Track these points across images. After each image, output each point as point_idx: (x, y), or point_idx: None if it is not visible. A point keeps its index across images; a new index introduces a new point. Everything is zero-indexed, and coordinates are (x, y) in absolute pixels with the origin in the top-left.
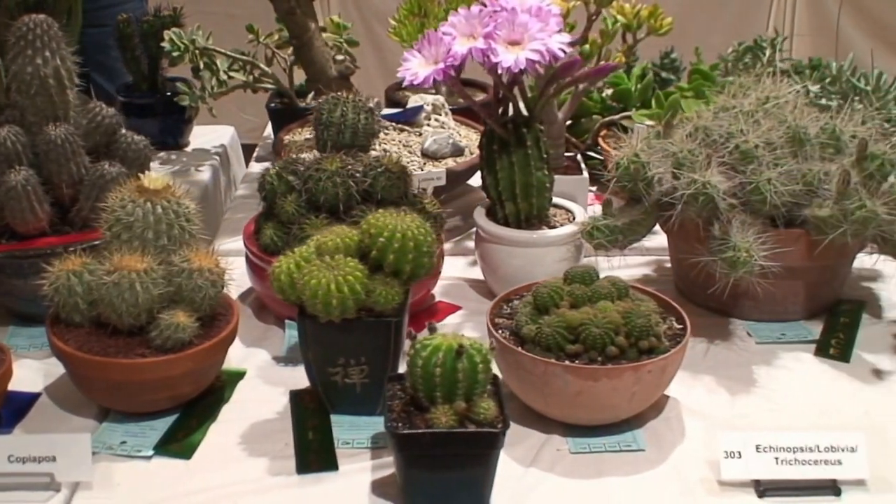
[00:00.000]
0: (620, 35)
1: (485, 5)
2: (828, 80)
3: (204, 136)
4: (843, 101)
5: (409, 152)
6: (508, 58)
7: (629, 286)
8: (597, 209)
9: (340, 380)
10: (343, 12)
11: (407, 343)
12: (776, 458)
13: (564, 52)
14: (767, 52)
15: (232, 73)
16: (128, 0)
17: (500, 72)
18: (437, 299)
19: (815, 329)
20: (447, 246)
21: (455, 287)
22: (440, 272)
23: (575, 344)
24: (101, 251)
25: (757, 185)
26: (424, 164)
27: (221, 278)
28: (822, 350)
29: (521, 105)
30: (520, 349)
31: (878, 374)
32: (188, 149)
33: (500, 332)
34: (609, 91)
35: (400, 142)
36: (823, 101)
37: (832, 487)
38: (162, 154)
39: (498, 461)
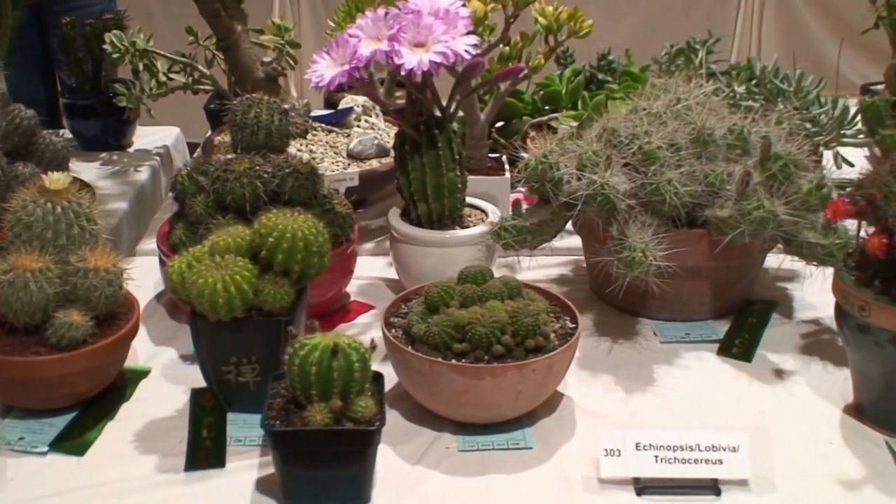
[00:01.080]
0: (542, 38)
1: (399, 8)
2: (753, 82)
3: (148, 136)
4: (766, 102)
5: (335, 153)
6: (412, 59)
7: (522, 286)
8: None
9: (234, 378)
10: (311, 12)
11: None
12: (656, 457)
13: (471, 53)
14: (700, 54)
15: (172, 75)
16: (96, 2)
17: (402, 73)
18: (353, 299)
19: (722, 329)
20: (370, 246)
21: (372, 286)
22: (353, 271)
23: (462, 343)
24: (3, 251)
25: (657, 185)
26: (349, 164)
27: (119, 278)
28: (725, 350)
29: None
30: (409, 348)
31: (778, 374)
32: (131, 149)
33: (393, 331)
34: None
35: (327, 143)
36: (749, 103)
37: (712, 487)
38: (104, 155)
39: (375, 458)
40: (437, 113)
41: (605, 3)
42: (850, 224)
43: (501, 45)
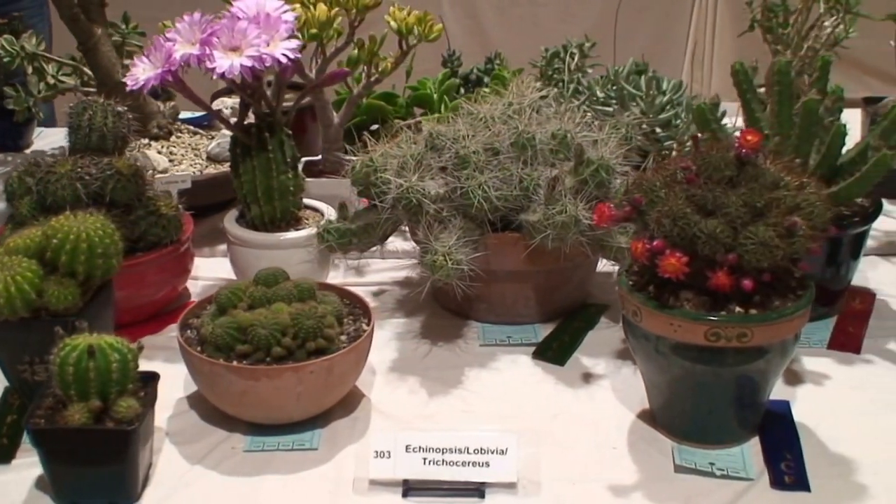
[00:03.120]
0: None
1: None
2: (611, 86)
3: (50, 137)
4: (619, 105)
5: (195, 155)
6: (224, 63)
7: (318, 288)
8: None
9: (30, 377)
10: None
11: None
12: (424, 459)
13: (289, 58)
14: (577, 57)
15: (63, 78)
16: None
17: (214, 77)
18: (193, 299)
19: (547, 332)
20: (224, 247)
21: (214, 288)
22: (189, 271)
23: (245, 344)
24: None
25: (468, 189)
26: (206, 167)
27: None
28: (541, 353)
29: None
30: (194, 350)
31: (586, 377)
32: (29, 150)
33: (189, 331)
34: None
35: (189, 145)
36: (606, 108)
37: (476, 490)
38: None
39: (139, 457)
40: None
41: (557, 4)
42: None
43: (363, 48)
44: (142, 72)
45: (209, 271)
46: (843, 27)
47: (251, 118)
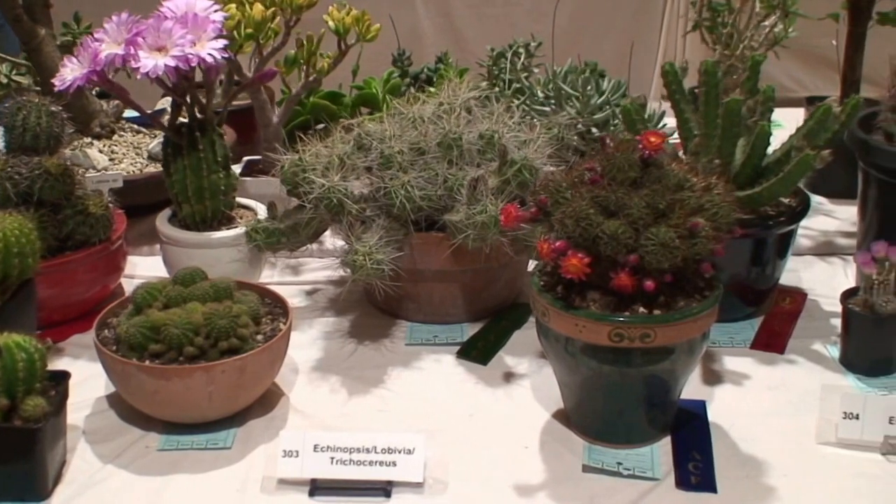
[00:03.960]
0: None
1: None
2: (550, 85)
3: None
4: (557, 105)
5: (137, 154)
6: (148, 63)
7: (238, 287)
8: None
9: None
10: None
11: None
12: (332, 458)
13: (215, 57)
14: (522, 57)
15: (17, 77)
16: None
17: (139, 77)
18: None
19: (475, 331)
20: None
21: None
22: (121, 269)
23: (158, 344)
24: None
25: (391, 189)
26: (147, 165)
27: None
28: (465, 352)
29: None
30: (110, 349)
31: (507, 377)
32: None
33: (108, 331)
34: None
35: (132, 143)
36: (545, 108)
37: (382, 489)
38: None
39: (47, 455)
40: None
41: (529, 4)
42: None
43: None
44: (69, 72)
45: (147, 270)
46: (782, 27)
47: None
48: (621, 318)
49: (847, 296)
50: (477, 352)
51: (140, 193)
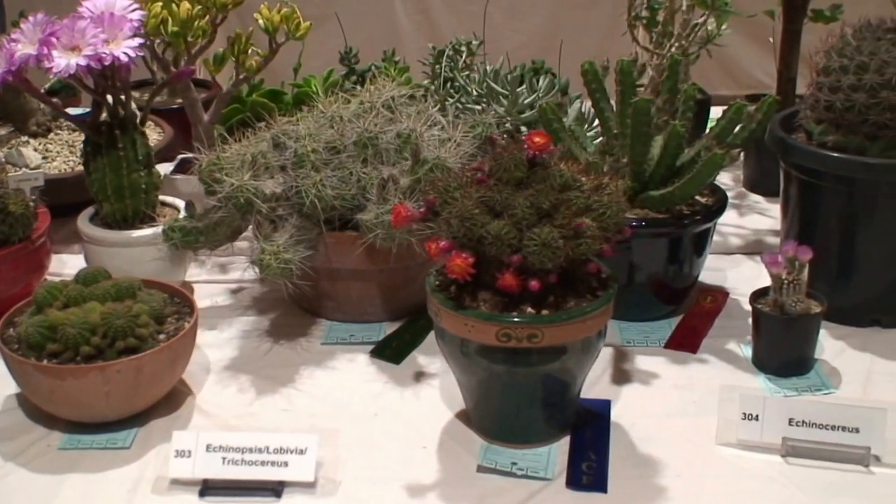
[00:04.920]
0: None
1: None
2: (483, 84)
3: None
4: (486, 104)
5: (71, 152)
6: (60, 63)
7: (143, 286)
8: None
9: None
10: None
11: None
12: (224, 459)
13: (130, 56)
14: (464, 55)
15: None
16: None
17: (52, 76)
18: None
19: (393, 330)
20: None
21: None
22: (45, 268)
23: (56, 343)
24: None
25: (301, 188)
26: (79, 164)
27: None
28: (378, 351)
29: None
30: (11, 348)
31: (418, 377)
32: None
33: (13, 329)
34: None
35: (67, 142)
36: (476, 106)
37: (273, 490)
38: None
39: None
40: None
41: (506, 2)
42: None
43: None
44: None
45: (76, 268)
46: (714, 25)
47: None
48: (508, 319)
49: (757, 296)
50: (391, 351)
51: (71, 192)
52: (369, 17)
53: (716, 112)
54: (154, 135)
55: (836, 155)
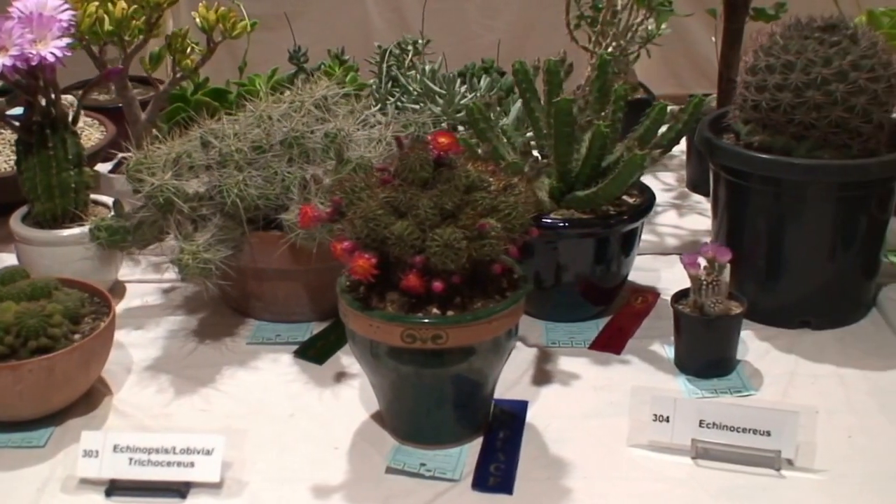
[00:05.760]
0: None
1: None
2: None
3: None
4: (424, 104)
5: (12, 151)
6: None
7: (59, 286)
8: None
9: None
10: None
11: None
12: (130, 459)
13: (57, 56)
14: (410, 54)
15: None
16: None
17: None
18: None
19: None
20: None
21: None
22: None
23: None
24: None
25: (223, 188)
26: None
27: None
28: (302, 352)
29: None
30: None
31: (339, 377)
32: None
33: None
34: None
35: (9, 141)
36: (415, 105)
37: (178, 490)
38: None
39: None
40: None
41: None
42: None
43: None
44: None
45: None
46: (653, 24)
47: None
48: (412, 320)
49: (678, 297)
50: (314, 351)
51: (11, 191)
52: (341, 15)
53: None
54: (97, 133)
55: (761, 156)
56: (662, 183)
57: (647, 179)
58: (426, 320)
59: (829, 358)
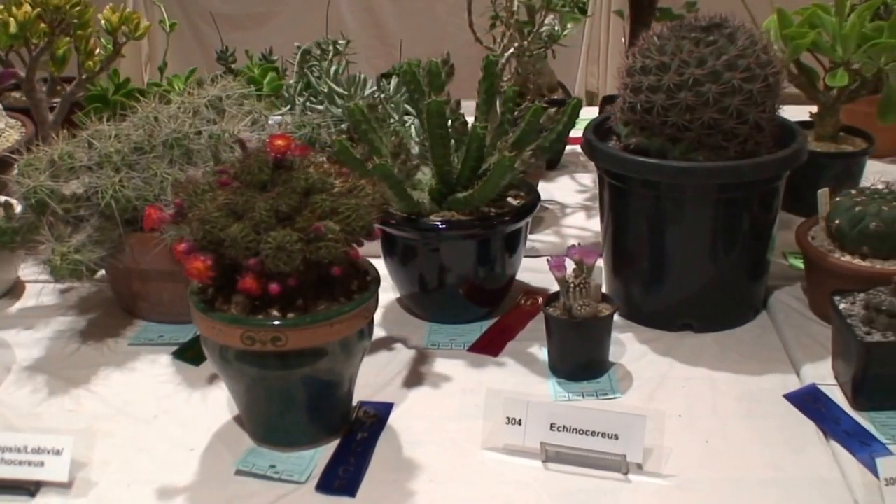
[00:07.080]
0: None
1: None
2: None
3: None
4: (326, 105)
5: None
6: None
7: None
8: None
9: None
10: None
11: None
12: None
13: None
14: (331, 55)
15: None
16: None
17: None
18: None
19: None
20: None
21: None
22: None
23: None
24: None
25: (99, 189)
26: None
27: None
28: (180, 353)
29: None
30: None
31: (212, 379)
32: None
33: None
34: None
35: None
36: (319, 107)
37: (28, 489)
38: None
39: None
40: None
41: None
42: None
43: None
44: None
45: None
46: (559, 26)
47: None
48: (250, 322)
49: (550, 300)
50: (192, 353)
51: None
52: (315, 14)
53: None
54: (16, 135)
55: (637, 158)
56: (578, 184)
57: (564, 181)
58: (264, 323)
59: (705, 362)
